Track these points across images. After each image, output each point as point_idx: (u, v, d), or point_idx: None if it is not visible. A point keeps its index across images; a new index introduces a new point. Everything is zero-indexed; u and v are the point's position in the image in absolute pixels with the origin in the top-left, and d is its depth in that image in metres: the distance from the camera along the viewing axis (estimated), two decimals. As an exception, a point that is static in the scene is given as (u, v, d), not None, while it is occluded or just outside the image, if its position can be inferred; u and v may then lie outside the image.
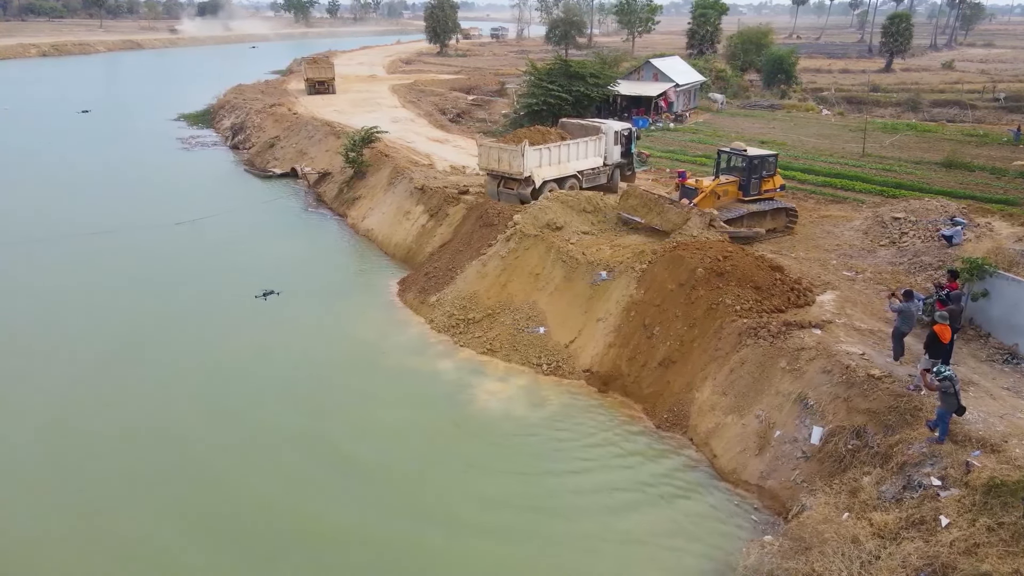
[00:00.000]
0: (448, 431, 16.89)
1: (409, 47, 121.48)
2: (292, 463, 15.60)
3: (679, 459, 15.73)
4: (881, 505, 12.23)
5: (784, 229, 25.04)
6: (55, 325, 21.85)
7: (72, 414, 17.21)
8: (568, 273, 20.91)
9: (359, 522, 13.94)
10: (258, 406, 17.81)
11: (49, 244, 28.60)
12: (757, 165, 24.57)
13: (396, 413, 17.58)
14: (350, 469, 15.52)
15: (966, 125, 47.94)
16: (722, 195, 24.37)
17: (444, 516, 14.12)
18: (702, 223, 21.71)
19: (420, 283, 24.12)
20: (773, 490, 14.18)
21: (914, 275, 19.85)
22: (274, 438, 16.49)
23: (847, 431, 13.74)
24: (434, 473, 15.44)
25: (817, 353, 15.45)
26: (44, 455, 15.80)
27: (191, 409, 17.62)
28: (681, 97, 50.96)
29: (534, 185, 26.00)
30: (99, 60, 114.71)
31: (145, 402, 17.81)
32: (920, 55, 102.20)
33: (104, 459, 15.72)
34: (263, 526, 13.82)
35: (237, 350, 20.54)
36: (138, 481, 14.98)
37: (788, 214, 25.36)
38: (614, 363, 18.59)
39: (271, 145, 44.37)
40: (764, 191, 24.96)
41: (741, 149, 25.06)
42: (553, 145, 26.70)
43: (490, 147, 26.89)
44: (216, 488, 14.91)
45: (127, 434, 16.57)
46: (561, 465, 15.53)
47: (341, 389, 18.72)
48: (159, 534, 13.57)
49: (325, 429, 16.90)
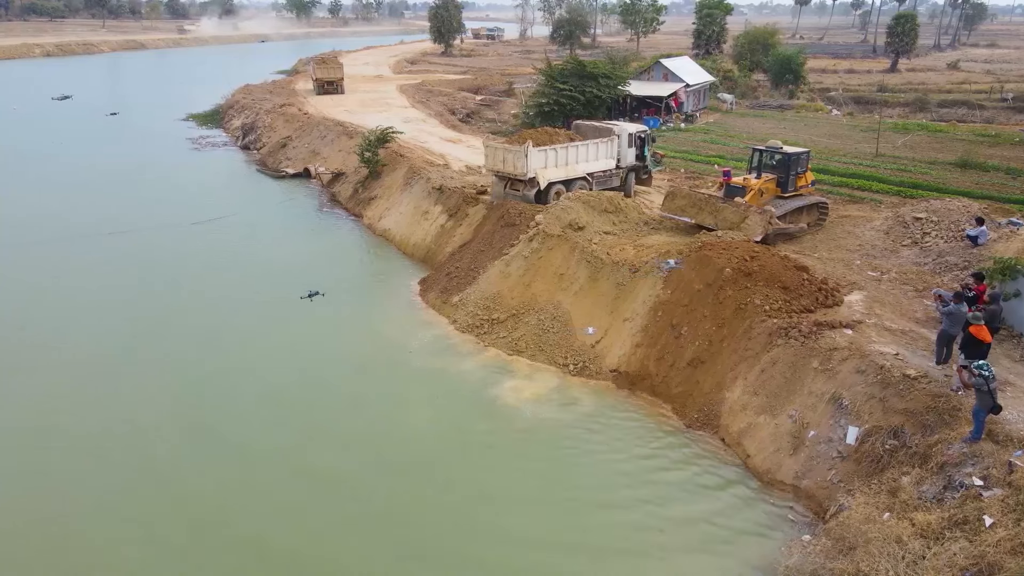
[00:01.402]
0: (477, 431, 16.93)
1: (413, 47, 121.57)
2: (315, 468, 15.61)
3: (711, 458, 15.77)
4: (922, 505, 12.23)
5: (816, 223, 25.38)
6: (71, 326, 21.90)
7: (93, 415, 17.27)
8: (593, 273, 20.94)
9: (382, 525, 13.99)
10: (283, 406, 17.85)
11: (62, 244, 28.64)
12: (794, 162, 24.82)
13: (424, 413, 17.65)
14: (382, 471, 15.56)
15: (976, 125, 47.91)
16: (764, 192, 24.61)
17: (471, 522, 14.17)
18: (762, 221, 21.91)
19: (442, 283, 24.15)
20: (809, 490, 14.21)
21: (940, 275, 19.86)
22: (298, 438, 16.53)
23: (884, 431, 13.76)
24: (463, 474, 15.49)
25: (850, 353, 15.47)
26: (32, 458, 15.82)
27: (217, 409, 17.68)
28: (691, 97, 50.96)
29: (539, 187, 25.91)
30: (103, 60, 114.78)
31: (164, 401, 17.86)
32: (924, 55, 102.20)
33: (130, 455, 15.76)
34: (279, 530, 13.85)
35: (262, 350, 20.60)
36: (171, 474, 15.03)
37: (820, 209, 25.65)
38: (642, 363, 18.62)
39: (283, 145, 44.41)
40: (799, 187, 25.23)
41: (778, 147, 25.28)
42: (560, 146, 26.49)
43: (495, 147, 26.78)
44: (237, 488, 14.95)
45: (147, 432, 16.62)
46: (594, 461, 15.58)
47: (369, 389, 18.77)
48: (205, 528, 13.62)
49: (354, 428, 16.95)
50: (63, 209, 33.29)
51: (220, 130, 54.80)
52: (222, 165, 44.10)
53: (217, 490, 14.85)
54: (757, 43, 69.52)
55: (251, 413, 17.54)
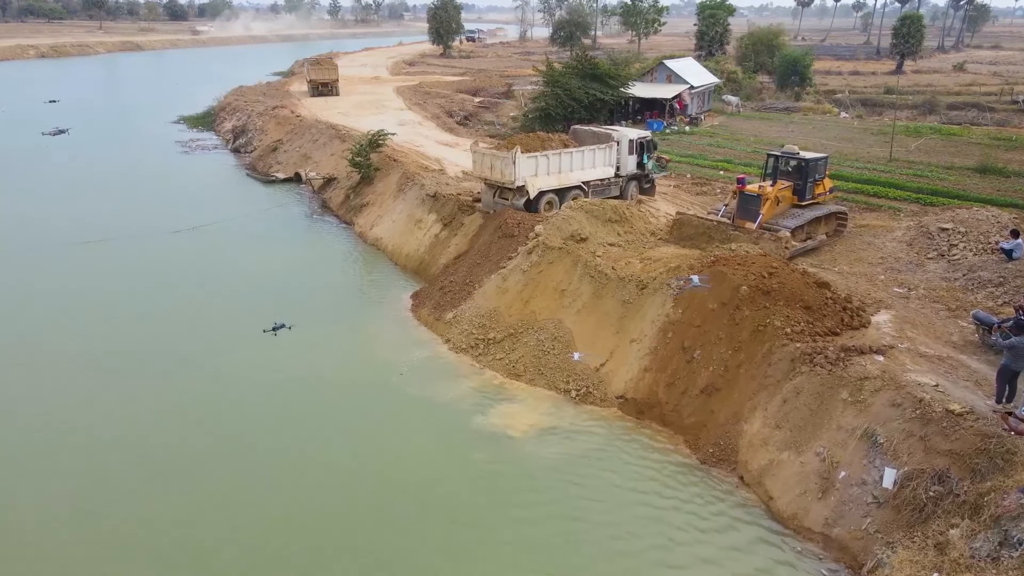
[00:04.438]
0: (472, 464, 15.41)
1: (412, 48, 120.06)
2: (292, 498, 14.12)
3: (729, 501, 14.24)
4: (976, 565, 10.73)
5: (834, 234, 23.89)
6: (41, 338, 20.39)
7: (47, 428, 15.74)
8: (597, 289, 19.42)
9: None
10: (260, 430, 16.35)
11: (29, 256, 27.06)
12: (811, 168, 23.30)
13: (413, 444, 16.13)
14: (368, 508, 14.05)
15: (990, 128, 46.44)
16: (780, 200, 23.09)
17: (465, 566, 12.66)
18: (777, 248, 20.47)
19: (435, 298, 22.64)
20: (842, 540, 12.68)
21: (973, 293, 18.37)
22: (275, 464, 15.04)
23: (927, 475, 12.22)
24: (455, 512, 13.98)
25: (883, 383, 13.94)
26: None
27: (187, 433, 16.16)
28: (695, 99, 49.46)
29: (528, 196, 24.37)
30: (98, 61, 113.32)
31: (137, 426, 16.36)
32: (928, 57, 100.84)
33: (87, 500, 14.24)
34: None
35: (239, 369, 19.07)
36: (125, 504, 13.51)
37: (838, 218, 24.19)
38: (650, 389, 17.09)
39: (274, 149, 42.96)
40: (816, 195, 23.71)
41: (794, 152, 23.74)
42: (552, 153, 24.92)
43: (484, 154, 25.23)
44: (210, 520, 13.43)
45: (111, 459, 15.09)
46: (601, 507, 14.05)
47: (351, 416, 17.27)
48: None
49: (337, 462, 15.42)
50: (37, 215, 31.73)
51: (212, 133, 53.30)
52: (211, 169, 42.54)
53: (184, 525, 13.33)
54: (761, 44, 68.17)
55: (222, 444, 16.00)
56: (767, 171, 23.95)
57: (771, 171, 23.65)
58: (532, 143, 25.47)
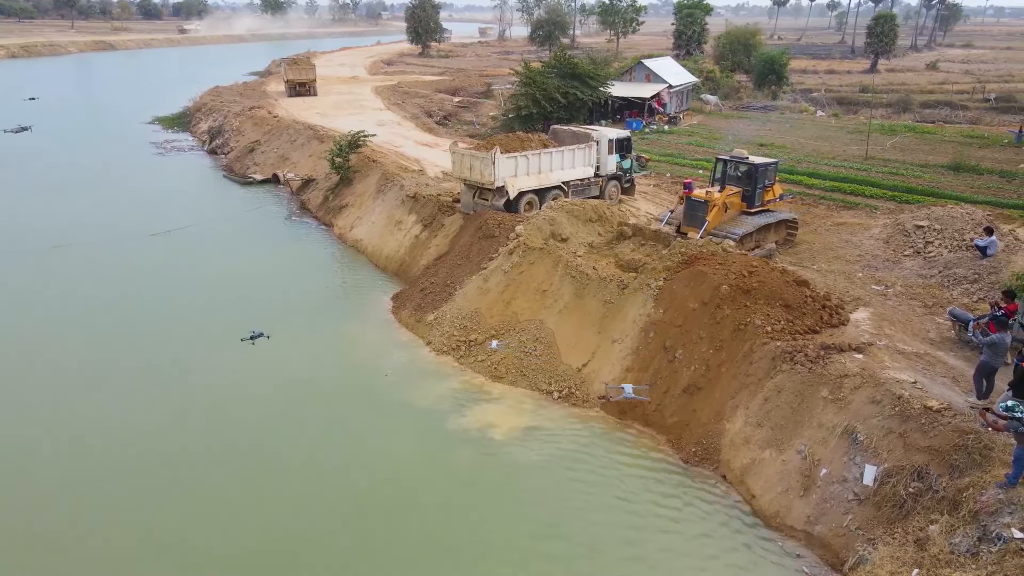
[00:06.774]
0: (455, 467, 15.29)
1: (390, 48, 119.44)
2: (276, 504, 13.90)
3: (713, 499, 14.26)
4: (956, 560, 10.83)
5: (784, 242, 23.64)
6: (6, 348, 19.90)
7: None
8: (578, 290, 19.37)
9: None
10: (241, 436, 16.08)
11: (4, 257, 26.48)
12: (760, 173, 23.04)
13: (396, 447, 15.96)
14: (351, 514, 13.87)
15: (963, 126, 47.17)
16: (729, 207, 22.89)
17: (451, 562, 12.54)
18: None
19: (416, 299, 22.46)
20: (823, 537, 12.74)
21: (949, 289, 18.61)
22: (258, 470, 14.79)
23: (906, 471, 12.32)
24: (438, 516, 13.85)
25: (863, 381, 14.04)
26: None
27: (164, 441, 15.83)
28: (674, 99, 49.70)
29: (508, 196, 24.31)
30: (70, 61, 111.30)
31: (113, 436, 15.99)
32: (902, 56, 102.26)
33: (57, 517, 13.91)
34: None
35: (220, 375, 18.73)
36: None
37: (788, 226, 23.94)
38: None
39: (251, 150, 42.42)
40: (766, 201, 23.50)
41: (743, 156, 23.41)
42: (531, 153, 24.86)
43: (462, 154, 25.09)
44: (192, 527, 13.18)
45: (82, 484, 14.76)
46: (583, 507, 14.00)
47: (331, 420, 17.02)
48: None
49: (315, 462, 15.21)
50: (2, 219, 31.05)
51: (187, 134, 52.56)
52: (187, 171, 41.92)
53: (162, 537, 13.06)
54: (739, 43, 68.68)
55: (202, 451, 15.72)
56: (715, 176, 23.65)
57: (720, 176, 23.40)
58: (512, 143, 25.36)
